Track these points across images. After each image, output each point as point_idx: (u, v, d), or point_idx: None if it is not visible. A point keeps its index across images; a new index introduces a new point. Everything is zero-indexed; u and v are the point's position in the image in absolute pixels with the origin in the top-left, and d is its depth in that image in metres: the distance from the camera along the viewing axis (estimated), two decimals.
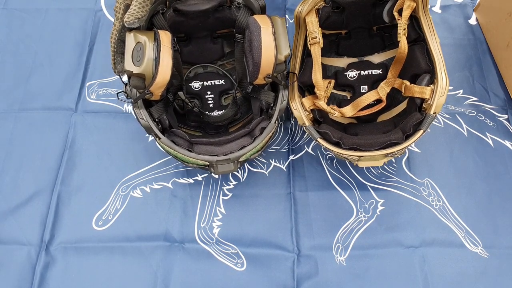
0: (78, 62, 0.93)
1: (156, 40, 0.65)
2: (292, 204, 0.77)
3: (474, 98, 0.88)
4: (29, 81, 0.91)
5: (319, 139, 0.70)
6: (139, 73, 0.64)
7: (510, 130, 0.84)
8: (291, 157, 0.82)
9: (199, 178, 0.80)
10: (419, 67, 0.72)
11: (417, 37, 0.74)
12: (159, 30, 0.67)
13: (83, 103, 0.88)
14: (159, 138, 0.69)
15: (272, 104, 0.73)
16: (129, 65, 0.64)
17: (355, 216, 0.76)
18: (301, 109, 0.71)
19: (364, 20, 0.79)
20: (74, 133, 0.84)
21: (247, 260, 0.73)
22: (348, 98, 0.83)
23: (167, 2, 0.73)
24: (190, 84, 0.84)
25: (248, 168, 0.81)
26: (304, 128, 0.71)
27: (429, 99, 0.68)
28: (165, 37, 0.66)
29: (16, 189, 0.79)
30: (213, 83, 0.84)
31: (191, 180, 0.80)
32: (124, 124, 0.85)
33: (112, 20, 0.98)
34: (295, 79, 0.73)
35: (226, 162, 0.69)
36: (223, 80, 0.85)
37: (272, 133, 0.72)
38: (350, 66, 0.83)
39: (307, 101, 0.73)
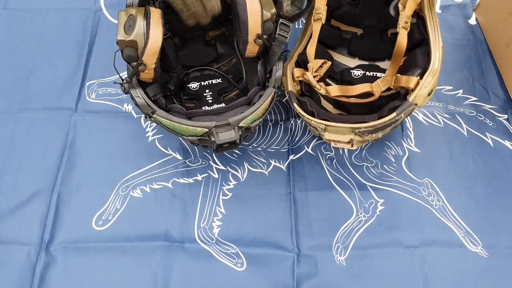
0: (78, 62, 0.92)
1: (146, 11, 0.66)
2: (292, 204, 0.77)
3: (474, 98, 0.88)
4: (29, 81, 0.91)
5: (295, 104, 0.70)
6: (130, 40, 0.64)
7: (510, 130, 0.84)
8: (291, 157, 0.82)
9: (199, 178, 0.80)
10: (416, 67, 0.71)
11: (421, 38, 0.73)
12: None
13: (83, 103, 0.88)
14: (155, 112, 0.67)
15: (268, 75, 0.73)
16: (121, 35, 0.64)
17: (355, 216, 0.76)
18: (290, 76, 0.72)
19: (377, 18, 0.79)
20: (74, 133, 0.84)
21: (247, 260, 0.73)
22: None
23: None
24: (187, 86, 0.84)
25: (248, 168, 0.81)
26: (286, 93, 0.72)
27: (413, 89, 0.66)
28: (155, 9, 0.67)
29: (16, 189, 0.79)
30: (210, 82, 0.85)
31: (191, 180, 0.80)
32: (124, 124, 0.85)
33: (112, 19, 0.98)
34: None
35: (226, 128, 0.67)
36: (220, 79, 0.85)
37: (271, 99, 0.71)
38: (358, 66, 0.83)
39: (298, 71, 0.73)
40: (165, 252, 0.73)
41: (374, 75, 0.82)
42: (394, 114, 0.64)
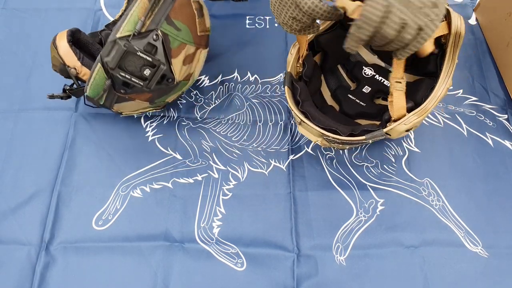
0: None
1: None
2: (292, 204, 0.77)
3: (474, 98, 0.88)
4: (29, 81, 0.91)
5: (286, 87, 0.71)
6: (55, 58, 0.75)
7: (510, 130, 0.84)
8: (291, 157, 0.82)
9: (199, 178, 0.80)
10: (414, 96, 0.70)
11: (433, 71, 0.72)
12: None
13: (83, 103, 0.88)
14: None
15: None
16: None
17: (355, 216, 0.76)
18: (295, 54, 0.71)
19: None
20: (74, 133, 0.84)
21: (247, 260, 0.73)
22: (351, 89, 0.84)
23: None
24: None
25: (248, 168, 0.81)
26: (284, 73, 0.72)
27: (394, 120, 0.66)
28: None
29: (16, 189, 0.79)
30: None
31: (191, 180, 0.80)
32: (124, 124, 0.85)
33: (112, 19, 0.98)
34: None
35: (113, 48, 0.66)
36: None
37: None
38: (372, 66, 0.84)
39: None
40: (165, 252, 0.74)
41: (382, 81, 0.82)
42: (363, 137, 0.66)
